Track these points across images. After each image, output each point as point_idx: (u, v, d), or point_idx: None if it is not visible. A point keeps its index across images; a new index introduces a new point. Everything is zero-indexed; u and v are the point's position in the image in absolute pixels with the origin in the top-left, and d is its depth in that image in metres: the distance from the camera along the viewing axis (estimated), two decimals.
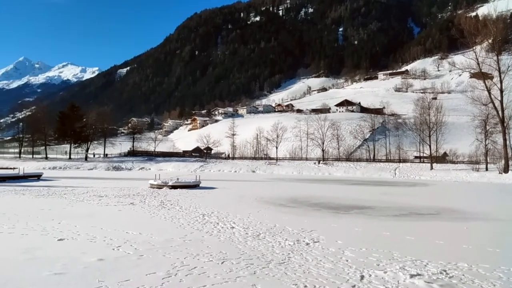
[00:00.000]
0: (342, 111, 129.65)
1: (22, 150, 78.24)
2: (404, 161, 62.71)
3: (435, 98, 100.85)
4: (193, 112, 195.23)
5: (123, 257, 8.02)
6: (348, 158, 68.49)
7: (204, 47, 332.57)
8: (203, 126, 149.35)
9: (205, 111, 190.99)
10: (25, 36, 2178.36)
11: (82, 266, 7.26)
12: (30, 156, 76.22)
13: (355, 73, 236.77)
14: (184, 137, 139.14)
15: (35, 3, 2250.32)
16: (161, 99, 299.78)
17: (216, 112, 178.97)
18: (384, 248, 9.10)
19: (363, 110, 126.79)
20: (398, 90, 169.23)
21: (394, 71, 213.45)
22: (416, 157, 65.56)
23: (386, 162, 61.80)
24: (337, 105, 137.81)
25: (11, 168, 50.54)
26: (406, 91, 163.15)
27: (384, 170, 53.55)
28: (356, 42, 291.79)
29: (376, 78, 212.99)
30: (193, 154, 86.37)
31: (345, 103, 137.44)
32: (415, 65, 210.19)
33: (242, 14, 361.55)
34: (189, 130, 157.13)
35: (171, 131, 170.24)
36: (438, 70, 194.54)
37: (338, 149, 71.39)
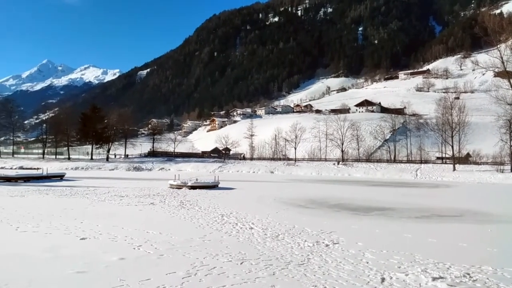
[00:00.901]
0: (362, 111, 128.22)
1: (45, 151, 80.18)
2: (426, 162, 61.56)
3: (458, 98, 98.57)
4: (212, 113, 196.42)
5: (144, 256, 8.13)
6: (368, 159, 67.66)
7: (222, 48, 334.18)
8: (221, 127, 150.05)
9: (223, 112, 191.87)
10: (48, 39, 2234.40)
11: (104, 265, 7.39)
12: (53, 156, 77.99)
13: (375, 73, 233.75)
14: (203, 138, 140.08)
15: (57, 6, 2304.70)
16: (180, 100, 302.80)
17: (235, 113, 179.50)
18: (405, 250, 8.97)
19: (384, 110, 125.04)
20: (419, 89, 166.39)
21: (415, 70, 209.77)
22: (438, 158, 64.28)
23: (407, 163, 60.78)
24: (356, 105, 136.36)
25: (35, 169, 51.91)
26: (428, 91, 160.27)
27: (405, 171, 52.68)
28: (376, 42, 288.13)
29: (397, 77, 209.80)
30: (211, 154, 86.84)
31: (365, 103, 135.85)
32: (437, 64, 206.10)
33: (260, 15, 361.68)
34: (207, 131, 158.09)
35: (190, 132, 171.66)
36: (461, 69, 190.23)
37: (358, 149, 70.59)
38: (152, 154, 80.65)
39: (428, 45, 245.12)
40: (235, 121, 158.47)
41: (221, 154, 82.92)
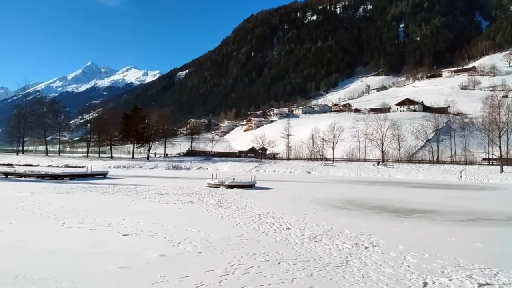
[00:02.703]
0: (403, 111, 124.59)
1: (89, 150, 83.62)
2: (471, 163, 58.92)
3: (506, 96, 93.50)
4: (249, 113, 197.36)
5: (183, 253, 8.28)
6: (410, 160, 65.62)
7: (260, 48, 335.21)
8: (258, 126, 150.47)
9: (260, 112, 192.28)
10: (92, 42, 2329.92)
11: (145, 261, 7.58)
12: (97, 155, 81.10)
13: (417, 71, 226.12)
14: (240, 138, 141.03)
15: (101, 10, 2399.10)
16: (218, 101, 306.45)
17: (271, 113, 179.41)
18: (449, 254, 8.64)
19: (426, 109, 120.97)
20: (464, 88, 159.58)
21: (460, 68, 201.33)
22: (484, 159, 61.36)
23: (451, 164, 58.43)
24: (397, 104, 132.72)
25: (80, 167, 54.19)
26: (473, 89, 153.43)
27: (448, 172, 50.67)
28: (418, 39, 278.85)
29: (440, 75, 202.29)
30: (248, 154, 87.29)
31: (407, 102, 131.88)
32: (483, 61, 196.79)
33: (298, 14, 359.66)
34: (244, 131, 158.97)
35: (227, 132, 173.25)
36: (510, 66, 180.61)
37: (399, 150, 68.63)
38: (191, 153, 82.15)
39: (474, 41, 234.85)
40: (271, 121, 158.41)
41: (257, 154, 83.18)
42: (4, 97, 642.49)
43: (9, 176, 34.18)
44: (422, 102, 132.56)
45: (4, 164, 54.86)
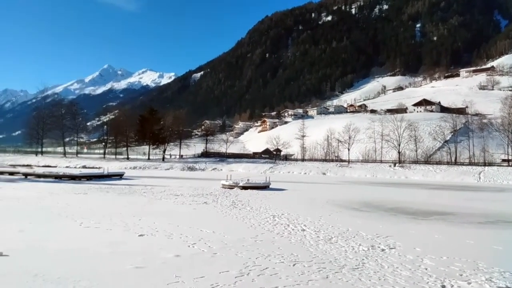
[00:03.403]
0: (420, 111, 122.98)
1: (106, 151, 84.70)
2: (490, 164, 57.71)
3: None
4: (263, 114, 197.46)
5: (198, 254, 8.31)
6: (427, 161, 64.65)
7: (274, 50, 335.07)
8: (272, 128, 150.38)
9: (274, 113, 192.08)
10: (109, 45, 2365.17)
11: (160, 261, 7.63)
12: (113, 156, 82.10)
13: (434, 71, 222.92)
14: (254, 139, 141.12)
15: (117, 13, 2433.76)
16: (232, 102, 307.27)
17: (286, 114, 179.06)
18: (467, 257, 8.48)
19: (443, 109, 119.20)
20: (482, 88, 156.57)
21: (478, 67, 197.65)
22: (503, 160, 60.07)
23: (469, 166, 57.33)
24: (414, 105, 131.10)
25: (97, 168, 54.96)
26: (492, 89, 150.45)
27: (467, 174, 49.73)
28: (435, 38, 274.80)
29: (458, 75, 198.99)
30: (262, 155, 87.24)
31: (424, 103, 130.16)
32: (503, 61, 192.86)
33: (313, 15, 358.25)
34: (258, 132, 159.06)
35: (242, 133, 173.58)
36: None
37: (416, 151, 67.66)
38: (205, 154, 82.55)
39: (493, 41, 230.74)
40: (286, 122, 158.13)
41: (272, 155, 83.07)
42: (23, 99, 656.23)
43: (28, 177, 34.86)
44: (439, 102, 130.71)
45: (23, 165, 56.01)
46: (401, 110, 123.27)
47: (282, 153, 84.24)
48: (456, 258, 8.40)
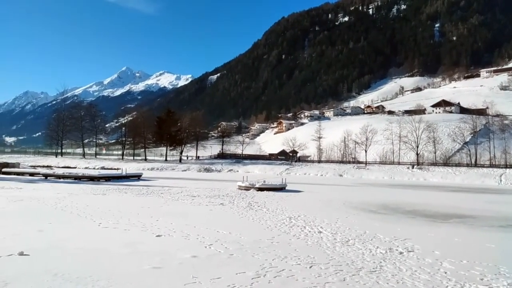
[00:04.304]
0: (439, 112, 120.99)
1: (124, 152, 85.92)
2: None
3: None
4: (279, 115, 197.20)
5: (215, 255, 8.34)
6: (446, 163, 63.50)
7: (291, 51, 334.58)
8: (288, 129, 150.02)
9: (290, 114, 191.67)
10: (127, 48, 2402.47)
11: (177, 262, 7.69)
12: (131, 157, 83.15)
13: (453, 71, 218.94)
14: (270, 140, 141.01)
15: (135, 17, 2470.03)
16: (248, 104, 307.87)
17: (302, 115, 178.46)
18: (488, 261, 8.30)
19: (463, 110, 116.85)
20: (504, 88, 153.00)
21: (499, 67, 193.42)
22: None
23: (490, 168, 56.07)
24: (433, 106, 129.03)
25: (115, 169, 55.72)
26: None
27: (487, 176, 48.64)
28: (454, 38, 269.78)
29: (478, 76, 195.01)
30: (278, 157, 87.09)
31: (442, 104, 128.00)
32: None
33: (330, 15, 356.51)
34: (275, 134, 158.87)
35: (258, 135, 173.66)
36: None
37: (435, 153, 66.55)
38: (221, 156, 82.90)
39: None
40: (302, 123, 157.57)
41: (288, 157, 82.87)
42: (44, 101, 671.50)
43: (48, 178, 35.58)
44: (459, 103, 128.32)
45: (44, 166, 57.21)
46: (420, 111, 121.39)
47: (298, 155, 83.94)
48: (477, 262, 8.24)
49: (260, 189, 26.07)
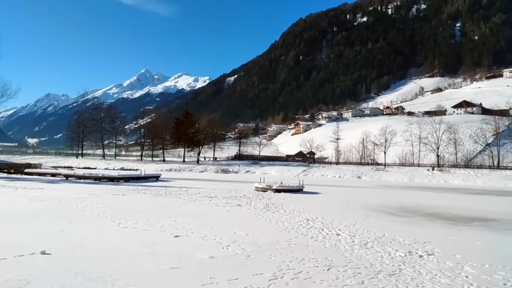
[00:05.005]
0: (460, 113, 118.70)
1: (143, 153, 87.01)
2: None
3: None
4: (296, 116, 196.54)
5: (232, 256, 8.36)
6: (467, 165, 62.15)
7: (308, 52, 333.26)
8: (306, 130, 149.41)
9: (308, 115, 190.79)
10: (146, 50, 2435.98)
11: (195, 262, 7.74)
12: (150, 159, 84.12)
13: (475, 72, 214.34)
14: (287, 142, 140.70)
15: (154, 20, 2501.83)
16: (265, 105, 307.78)
17: (320, 116, 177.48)
18: (511, 266, 8.06)
19: (485, 111, 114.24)
20: None
21: None
22: None
23: None
24: (454, 107, 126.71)
25: (134, 170, 56.48)
26: None
27: (510, 178, 47.38)
28: (476, 38, 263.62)
29: (501, 76, 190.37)
30: (296, 158, 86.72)
31: (464, 104, 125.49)
32: None
33: (348, 16, 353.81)
34: (292, 135, 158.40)
35: (275, 136, 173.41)
36: None
37: (456, 154, 65.27)
38: (239, 157, 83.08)
39: None
40: (320, 125, 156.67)
41: (305, 158, 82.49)
42: (65, 103, 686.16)
43: (69, 178, 36.32)
44: (480, 104, 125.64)
45: (65, 167, 58.38)
46: (440, 112, 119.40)
47: (315, 156, 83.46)
48: (499, 267, 8.04)
49: (277, 190, 26.02)
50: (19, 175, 41.29)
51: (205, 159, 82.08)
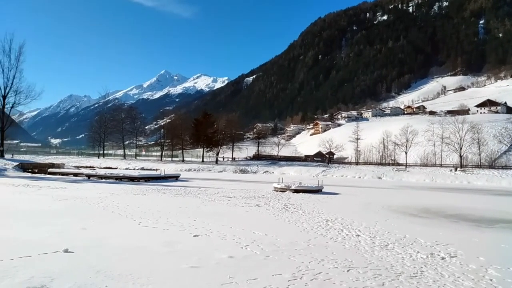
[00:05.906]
0: (484, 112, 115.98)
1: (163, 154, 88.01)
2: None
3: None
4: (315, 116, 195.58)
5: (251, 256, 8.36)
6: (492, 165, 60.63)
7: (327, 51, 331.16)
8: (325, 130, 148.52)
9: (327, 115, 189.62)
10: (166, 52, 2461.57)
11: (214, 262, 7.77)
12: (170, 159, 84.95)
13: (499, 70, 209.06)
14: (306, 142, 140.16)
15: (173, 21, 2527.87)
16: (284, 105, 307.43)
17: (339, 116, 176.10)
18: None
19: (510, 110, 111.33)
20: None
21: None
22: None
23: None
24: (477, 106, 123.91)
25: (154, 169, 57.17)
26: None
27: None
28: (501, 35, 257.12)
29: None
30: (315, 158, 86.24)
31: (488, 103, 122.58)
32: None
33: (368, 14, 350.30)
34: (311, 135, 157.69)
35: (293, 136, 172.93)
36: None
37: (479, 154, 63.72)
38: (257, 157, 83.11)
39: None
40: (339, 125, 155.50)
41: (324, 158, 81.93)
42: (87, 104, 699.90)
43: (91, 178, 36.97)
44: (505, 103, 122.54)
45: (86, 167, 59.45)
46: (463, 111, 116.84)
47: (335, 156, 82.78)
48: None
49: (296, 191, 25.91)
50: (42, 174, 42.26)
51: (223, 159, 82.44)
